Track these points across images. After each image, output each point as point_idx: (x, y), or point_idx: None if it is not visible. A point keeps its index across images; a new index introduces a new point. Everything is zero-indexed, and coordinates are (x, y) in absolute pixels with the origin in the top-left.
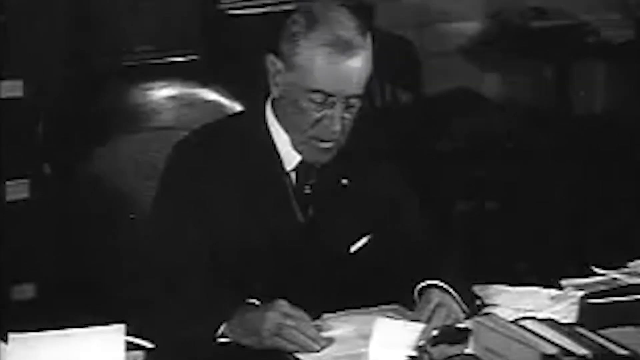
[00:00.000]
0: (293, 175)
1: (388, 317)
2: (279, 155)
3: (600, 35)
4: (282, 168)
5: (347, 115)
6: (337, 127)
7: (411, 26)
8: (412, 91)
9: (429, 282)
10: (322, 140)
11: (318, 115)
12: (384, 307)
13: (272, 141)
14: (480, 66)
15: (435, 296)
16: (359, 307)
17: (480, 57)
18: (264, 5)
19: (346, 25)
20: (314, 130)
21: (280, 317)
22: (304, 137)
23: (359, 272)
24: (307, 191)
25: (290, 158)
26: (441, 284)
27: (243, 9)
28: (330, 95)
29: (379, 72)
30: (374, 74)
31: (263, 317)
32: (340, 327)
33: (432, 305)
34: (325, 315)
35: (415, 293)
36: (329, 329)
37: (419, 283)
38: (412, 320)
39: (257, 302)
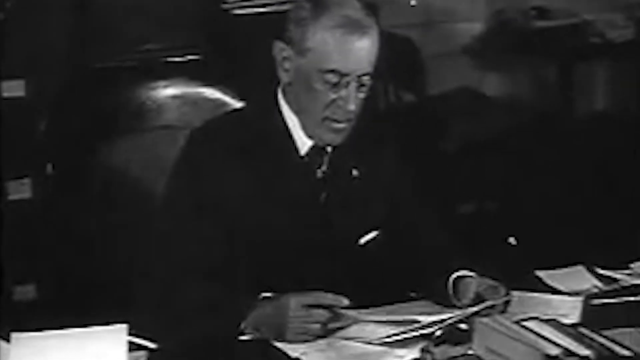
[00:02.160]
0: (305, 160)
1: (422, 312)
2: (293, 141)
3: (602, 35)
4: (297, 153)
5: (360, 94)
6: (352, 107)
7: (413, 26)
8: (414, 91)
9: (460, 273)
10: (336, 121)
11: (333, 96)
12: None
13: (287, 127)
14: (483, 66)
15: (473, 280)
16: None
17: (482, 57)
18: (267, 5)
19: (353, 6)
20: (328, 111)
21: (301, 310)
22: (318, 119)
23: (367, 264)
24: (319, 176)
25: (301, 144)
26: (471, 273)
27: (247, 8)
28: (344, 75)
29: (381, 71)
30: (376, 73)
31: (288, 305)
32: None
33: (473, 289)
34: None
35: (450, 284)
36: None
37: (432, 277)
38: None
39: (271, 295)
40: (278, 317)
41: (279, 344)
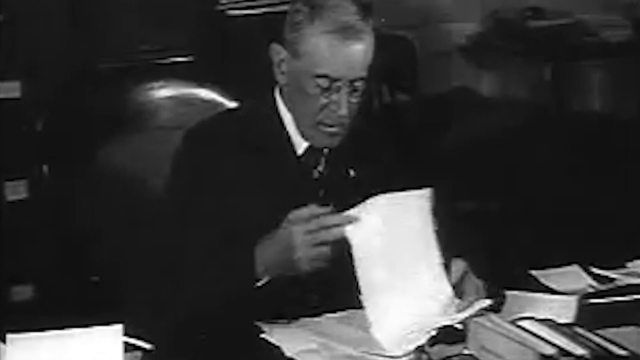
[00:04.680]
0: (302, 160)
1: None
2: (291, 141)
3: (597, 35)
4: (295, 153)
5: (352, 99)
6: (344, 112)
7: (409, 26)
8: (410, 91)
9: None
10: (329, 125)
11: (325, 100)
12: None
13: (284, 127)
14: (478, 66)
15: (461, 263)
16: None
17: (477, 57)
18: (262, 6)
19: (348, 11)
20: (321, 115)
21: (305, 225)
22: (312, 122)
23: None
24: (316, 176)
25: (298, 144)
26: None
27: (242, 9)
28: (336, 80)
29: (378, 72)
30: (372, 74)
31: (291, 236)
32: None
33: (460, 270)
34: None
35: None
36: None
37: None
38: None
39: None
40: (285, 251)
41: (275, 342)
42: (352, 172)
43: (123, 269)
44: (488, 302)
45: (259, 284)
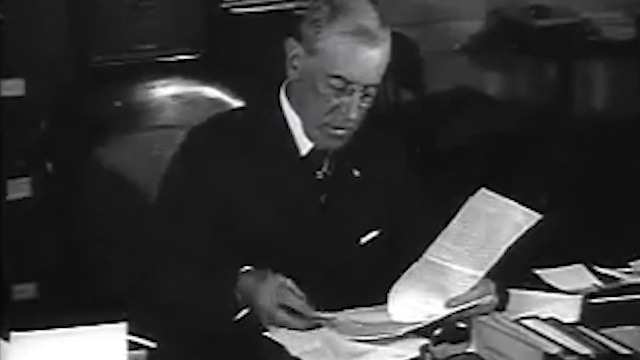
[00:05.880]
0: (306, 160)
1: None
2: (294, 141)
3: (602, 34)
4: (298, 153)
5: (363, 104)
6: (354, 115)
7: (413, 25)
8: (414, 90)
9: None
10: (336, 127)
11: (336, 102)
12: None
13: (288, 127)
14: (482, 65)
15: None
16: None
17: (481, 56)
18: (266, 4)
19: (370, 16)
20: (329, 116)
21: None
22: (318, 122)
23: (367, 264)
24: (320, 177)
25: (302, 144)
26: None
27: (246, 7)
28: (350, 83)
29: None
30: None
31: (260, 290)
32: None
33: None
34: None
35: None
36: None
37: None
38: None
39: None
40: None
41: (279, 341)
42: (356, 172)
43: (127, 267)
44: (490, 298)
45: (239, 315)
